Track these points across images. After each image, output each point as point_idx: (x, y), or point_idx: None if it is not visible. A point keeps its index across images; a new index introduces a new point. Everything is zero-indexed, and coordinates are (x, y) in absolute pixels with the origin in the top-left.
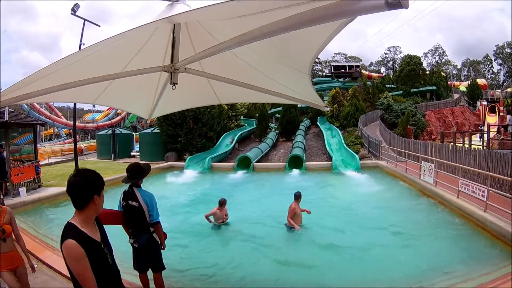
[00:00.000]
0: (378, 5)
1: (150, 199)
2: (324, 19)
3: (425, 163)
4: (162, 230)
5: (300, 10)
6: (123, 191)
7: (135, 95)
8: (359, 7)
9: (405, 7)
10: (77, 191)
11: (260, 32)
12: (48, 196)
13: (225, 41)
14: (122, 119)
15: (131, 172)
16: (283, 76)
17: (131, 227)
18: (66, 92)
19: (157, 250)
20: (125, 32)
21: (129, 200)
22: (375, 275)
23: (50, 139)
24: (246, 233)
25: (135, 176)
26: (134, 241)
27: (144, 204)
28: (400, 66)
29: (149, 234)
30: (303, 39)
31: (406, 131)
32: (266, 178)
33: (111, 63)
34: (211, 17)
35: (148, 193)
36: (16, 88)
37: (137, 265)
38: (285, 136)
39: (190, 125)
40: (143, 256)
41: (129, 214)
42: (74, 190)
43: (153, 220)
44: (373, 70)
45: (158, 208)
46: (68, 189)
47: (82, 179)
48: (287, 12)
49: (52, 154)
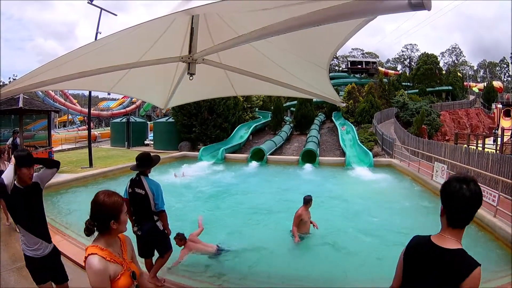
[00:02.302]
0: (401, 5)
1: (156, 188)
2: (347, 16)
3: (438, 164)
4: (166, 218)
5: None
6: (130, 179)
7: (151, 85)
8: (382, 6)
9: (428, 8)
10: None
11: (280, 27)
12: (61, 182)
13: (244, 34)
14: (137, 107)
15: (140, 161)
16: (300, 70)
17: (136, 214)
18: (82, 80)
19: (161, 238)
20: (143, 23)
21: (135, 188)
22: (377, 274)
23: (64, 126)
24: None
25: (144, 165)
26: (138, 229)
27: (150, 192)
28: (416, 65)
29: (153, 222)
30: (324, 34)
31: (420, 131)
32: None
33: (128, 52)
34: (231, 10)
35: (155, 182)
36: (32, 76)
37: (141, 252)
38: (300, 130)
39: (205, 115)
40: (146, 243)
41: (135, 201)
42: None
43: (158, 209)
44: (390, 67)
45: (163, 197)
46: None
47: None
48: (309, 8)
49: (66, 140)
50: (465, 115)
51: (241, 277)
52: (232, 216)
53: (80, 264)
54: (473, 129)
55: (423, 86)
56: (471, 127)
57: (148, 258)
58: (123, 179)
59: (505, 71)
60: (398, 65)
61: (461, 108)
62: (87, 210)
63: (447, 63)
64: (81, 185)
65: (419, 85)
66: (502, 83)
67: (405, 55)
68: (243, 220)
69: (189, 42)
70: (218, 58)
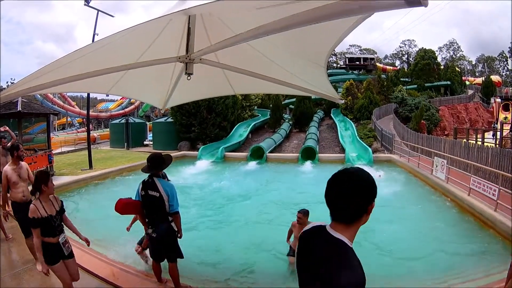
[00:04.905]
0: (397, 2)
1: (171, 189)
2: (344, 14)
3: (437, 159)
4: (180, 219)
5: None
6: (142, 181)
7: (149, 85)
8: (378, 4)
9: (425, 5)
10: None
11: (276, 26)
12: (61, 185)
13: (241, 33)
14: (136, 108)
15: (151, 162)
16: (298, 68)
17: (150, 217)
18: (80, 83)
19: (175, 239)
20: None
21: (148, 190)
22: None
23: (63, 128)
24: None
25: (156, 167)
26: (153, 231)
27: (165, 194)
28: (414, 60)
29: (168, 223)
30: (321, 32)
31: (419, 126)
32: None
33: (125, 53)
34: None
35: (169, 183)
36: (30, 79)
37: (154, 254)
38: (299, 127)
39: (204, 114)
40: (161, 245)
41: (149, 204)
42: None
43: (172, 210)
44: (388, 63)
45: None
46: None
47: None
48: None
49: (65, 143)
50: (464, 109)
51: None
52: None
53: (82, 266)
54: (472, 124)
55: (421, 82)
56: (470, 121)
57: (158, 262)
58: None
59: (504, 65)
60: (396, 61)
61: (460, 102)
62: (88, 213)
63: (445, 58)
64: (82, 187)
65: (418, 81)
66: (500, 77)
67: (403, 51)
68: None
69: (186, 42)
70: (215, 57)
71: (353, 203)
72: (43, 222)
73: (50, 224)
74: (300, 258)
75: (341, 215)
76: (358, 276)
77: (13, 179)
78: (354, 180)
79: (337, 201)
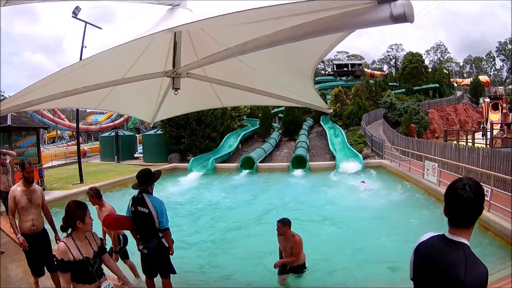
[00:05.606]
0: (383, 19)
1: (160, 206)
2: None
3: (428, 163)
4: (171, 236)
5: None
6: (132, 197)
7: (137, 100)
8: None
9: (411, 21)
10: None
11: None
12: (52, 200)
13: (227, 49)
14: (125, 120)
15: (141, 178)
16: (286, 79)
17: (140, 233)
18: (68, 99)
19: (166, 256)
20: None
21: (138, 206)
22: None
23: (53, 142)
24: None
25: (145, 182)
26: (143, 247)
27: (154, 211)
28: (402, 64)
29: (158, 239)
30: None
31: (409, 130)
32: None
33: (112, 69)
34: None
35: (158, 199)
36: (18, 96)
37: (146, 270)
38: (288, 136)
39: (193, 126)
40: (152, 261)
41: (138, 220)
42: None
43: (162, 226)
44: (376, 68)
45: (167, 214)
46: None
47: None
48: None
49: (56, 156)
50: (453, 111)
51: None
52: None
53: None
54: (462, 125)
55: (409, 85)
56: (460, 122)
57: (151, 278)
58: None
59: (492, 65)
60: (384, 66)
61: (449, 104)
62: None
63: (433, 60)
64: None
65: (406, 85)
66: (488, 77)
67: (391, 55)
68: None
69: (173, 56)
70: (203, 71)
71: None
72: (75, 265)
73: (86, 269)
74: (420, 268)
75: (463, 221)
76: (486, 269)
77: (22, 203)
78: (480, 192)
79: (461, 210)
